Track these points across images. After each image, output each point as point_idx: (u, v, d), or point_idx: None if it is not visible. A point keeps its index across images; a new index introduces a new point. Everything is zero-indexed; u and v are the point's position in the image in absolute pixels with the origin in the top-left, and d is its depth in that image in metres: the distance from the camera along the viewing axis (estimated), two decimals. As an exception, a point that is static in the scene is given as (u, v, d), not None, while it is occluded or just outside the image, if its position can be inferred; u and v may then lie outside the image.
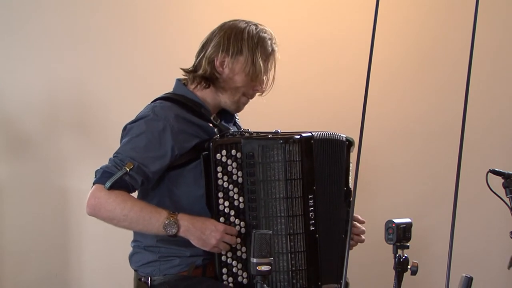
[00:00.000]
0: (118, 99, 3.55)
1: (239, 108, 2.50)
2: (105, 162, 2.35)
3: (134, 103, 2.54)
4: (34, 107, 3.52)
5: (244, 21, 2.45)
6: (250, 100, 2.52)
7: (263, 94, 2.49)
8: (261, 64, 2.40)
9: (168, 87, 2.56)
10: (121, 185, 2.27)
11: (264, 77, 2.44)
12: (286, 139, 2.32)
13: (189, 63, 2.53)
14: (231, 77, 2.42)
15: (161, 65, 3.58)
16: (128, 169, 2.26)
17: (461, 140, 1.64)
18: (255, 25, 2.44)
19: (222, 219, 2.31)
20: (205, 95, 2.46)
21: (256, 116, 2.70)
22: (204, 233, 2.27)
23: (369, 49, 1.68)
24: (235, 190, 2.32)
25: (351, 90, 3.63)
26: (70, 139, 3.55)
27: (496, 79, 3.93)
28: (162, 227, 2.25)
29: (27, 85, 3.52)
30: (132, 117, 2.43)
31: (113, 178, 2.25)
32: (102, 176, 2.28)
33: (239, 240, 2.33)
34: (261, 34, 2.42)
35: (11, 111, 3.50)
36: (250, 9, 3.62)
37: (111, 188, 2.25)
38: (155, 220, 2.26)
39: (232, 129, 2.48)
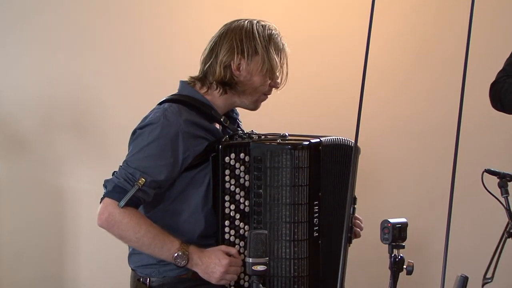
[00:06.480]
0: (115, 99, 3.54)
1: (257, 106, 2.46)
2: (101, 162, 2.34)
3: (131, 104, 2.54)
4: (30, 108, 3.51)
5: (247, 20, 2.41)
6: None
7: (279, 89, 2.47)
8: (276, 60, 2.39)
9: (166, 87, 2.52)
10: (134, 201, 2.26)
11: (280, 73, 2.42)
12: (294, 145, 2.31)
13: (189, 63, 2.51)
14: (249, 79, 2.38)
15: (158, 65, 3.57)
16: (140, 185, 2.24)
17: (457, 140, 1.64)
18: (258, 21, 2.41)
19: (227, 222, 2.31)
20: (217, 98, 2.41)
21: (255, 115, 2.68)
22: (209, 267, 2.26)
23: (365, 47, 1.68)
24: (242, 193, 2.31)
25: (346, 89, 3.63)
26: (66, 139, 3.54)
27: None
28: (172, 258, 2.25)
29: (23, 85, 3.51)
30: (128, 118, 2.40)
31: (126, 197, 2.22)
32: (113, 191, 2.25)
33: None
34: (269, 31, 2.39)
35: (7, 112, 3.50)
36: (248, 7, 3.62)
37: (125, 205, 2.23)
38: (167, 249, 2.25)
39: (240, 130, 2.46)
